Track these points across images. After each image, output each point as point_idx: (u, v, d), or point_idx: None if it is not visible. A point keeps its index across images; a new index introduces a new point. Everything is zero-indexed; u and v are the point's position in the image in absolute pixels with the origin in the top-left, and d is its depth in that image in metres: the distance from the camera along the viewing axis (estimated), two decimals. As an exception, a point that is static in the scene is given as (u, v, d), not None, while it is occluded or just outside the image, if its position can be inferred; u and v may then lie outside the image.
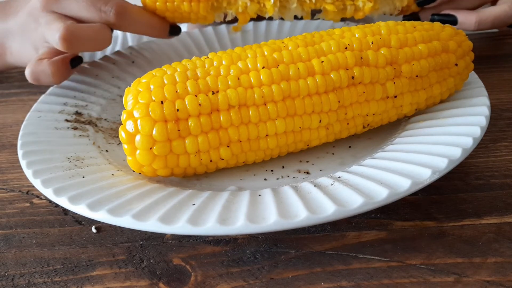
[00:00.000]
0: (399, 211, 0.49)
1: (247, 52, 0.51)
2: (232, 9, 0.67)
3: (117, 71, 0.71)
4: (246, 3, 0.66)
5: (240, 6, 0.66)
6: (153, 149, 0.48)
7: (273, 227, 0.42)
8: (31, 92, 0.77)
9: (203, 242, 0.48)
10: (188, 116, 0.48)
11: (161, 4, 0.67)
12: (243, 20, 0.68)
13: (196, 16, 0.68)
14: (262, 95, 0.49)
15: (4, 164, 0.61)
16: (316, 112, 0.50)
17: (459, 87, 0.57)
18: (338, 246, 0.46)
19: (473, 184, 0.52)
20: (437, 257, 0.44)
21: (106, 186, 0.48)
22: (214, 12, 0.68)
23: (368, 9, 0.66)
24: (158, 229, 0.42)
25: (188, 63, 0.51)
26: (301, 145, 0.53)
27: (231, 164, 0.52)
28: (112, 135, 0.60)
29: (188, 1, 0.66)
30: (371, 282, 0.43)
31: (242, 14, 0.67)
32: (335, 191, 0.45)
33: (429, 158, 0.47)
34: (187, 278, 0.44)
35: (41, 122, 0.58)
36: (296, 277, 0.44)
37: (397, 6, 0.69)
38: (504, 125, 0.61)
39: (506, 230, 0.47)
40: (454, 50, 0.55)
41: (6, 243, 0.50)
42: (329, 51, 0.51)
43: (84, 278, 0.45)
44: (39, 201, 0.54)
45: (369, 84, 0.51)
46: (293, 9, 0.66)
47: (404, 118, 0.57)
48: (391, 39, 0.53)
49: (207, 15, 0.67)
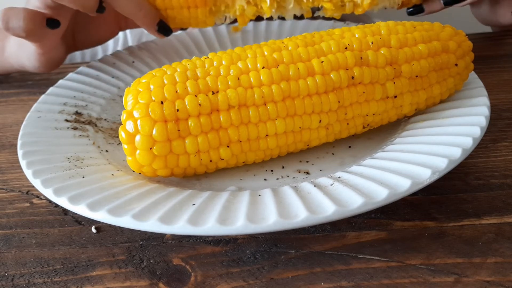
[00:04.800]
0: (399, 211, 0.49)
1: (247, 52, 0.51)
2: (230, 13, 0.67)
3: (117, 71, 0.71)
4: (243, 6, 0.66)
5: (238, 10, 0.67)
6: (153, 149, 0.48)
7: (273, 227, 0.42)
8: (31, 92, 0.77)
9: (203, 242, 0.48)
10: (188, 116, 0.48)
11: (162, 11, 0.67)
12: (242, 21, 0.68)
13: (196, 21, 0.68)
14: (262, 95, 0.49)
15: (4, 164, 0.61)
16: (316, 112, 0.50)
17: (459, 87, 0.57)
18: (338, 246, 0.46)
19: (473, 184, 0.52)
20: (437, 257, 0.44)
21: (106, 186, 0.48)
22: (213, 17, 0.68)
23: (367, 4, 0.65)
24: (158, 229, 0.42)
25: (188, 63, 0.51)
26: (301, 145, 0.53)
27: (231, 164, 0.52)
28: (112, 135, 0.60)
29: (186, 8, 0.66)
30: (371, 282, 0.43)
31: (240, 17, 0.68)
32: (335, 191, 0.45)
33: (429, 158, 0.47)
34: (187, 278, 0.44)
35: (41, 122, 0.58)
36: (296, 277, 0.44)
37: (396, 0, 0.69)
38: (504, 125, 0.61)
39: (506, 230, 0.47)
40: (454, 50, 0.55)
41: (6, 243, 0.50)
42: (329, 51, 0.51)
43: (84, 278, 0.45)
44: (39, 201, 0.54)
45: (369, 84, 0.51)
46: (291, 9, 0.67)
47: (404, 118, 0.57)
48: (391, 39, 0.53)
49: (206, 20, 0.68)
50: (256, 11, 0.67)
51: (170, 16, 0.68)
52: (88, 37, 0.75)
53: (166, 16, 0.68)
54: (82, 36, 0.74)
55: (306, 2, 0.66)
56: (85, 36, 0.74)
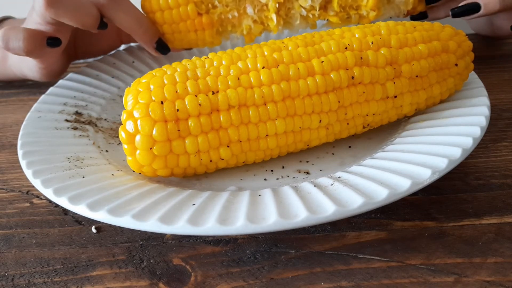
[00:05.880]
0: (399, 211, 0.49)
1: (247, 52, 0.51)
2: (237, 32, 0.68)
3: (117, 71, 0.71)
4: (250, 25, 0.67)
5: (245, 29, 0.67)
6: (153, 149, 0.48)
7: (273, 227, 0.42)
8: (31, 92, 0.77)
9: (203, 242, 0.48)
10: (188, 116, 0.48)
11: (169, 35, 0.67)
12: (249, 39, 0.68)
13: (203, 42, 0.68)
14: (262, 95, 0.49)
15: (4, 164, 0.61)
16: (316, 112, 0.50)
17: (459, 87, 0.57)
18: (338, 246, 0.46)
19: (473, 184, 0.52)
20: (437, 257, 0.44)
21: (106, 186, 0.48)
22: (220, 37, 0.68)
23: (373, 17, 0.66)
24: (158, 229, 0.42)
25: (188, 63, 0.51)
26: (301, 145, 0.53)
27: (231, 164, 0.52)
28: (112, 135, 0.60)
29: (194, 31, 0.67)
30: (371, 282, 0.43)
31: (247, 35, 0.68)
32: (335, 191, 0.45)
33: (429, 158, 0.47)
34: (187, 278, 0.44)
35: (41, 122, 0.58)
36: (296, 277, 0.44)
37: (402, 10, 0.69)
38: (504, 125, 0.61)
39: (506, 230, 0.47)
40: (454, 50, 0.55)
41: (6, 243, 0.50)
42: (329, 51, 0.51)
43: (84, 278, 0.45)
44: (39, 201, 0.55)
45: (369, 84, 0.52)
46: (297, 25, 0.67)
47: (404, 118, 0.57)
48: (391, 39, 0.53)
49: (213, 41, 0.68)
50: (263, 29, 0.68)
51: (178, 39, 0.68)
52: (90, 48, 0.75)
53: (173, 39, 0.68)
54: (84, 48, 0.75)
55: (312, 17, 0.66)
56: (87, 47, 0.75)
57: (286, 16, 0.66)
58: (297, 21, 0.66)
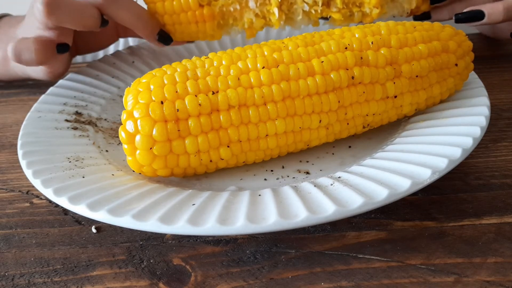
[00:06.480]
0: (399, 211, 0.49)
1: (247, 52, 0.51)
2: (238, 26, 0.67)
3: (117, 71, 0.71)
4: (252, 19, 0.66)
5: (246, 22, 0.67)
6: (153, 149, 0.48)
7: (273, 227, 0.42)
8: (31, 92, 0.77)
9: (203, 242, 0.48)
10: (188, 116, 0.48)
11: (170, 26, 0.67)
12: (250, 34, 0.68)
13: (204, 35, 0.68)
14: (262, 95, 0.49)
15: (4, 164, 0.61)
16: (316, 112, 0.50)
17: (459, 87, 0.57)
18: (338, 246, 0.46)
19: (473, 184, 0.52)
20: (437, 257, 0.44)
21: (106, 186, 0.48)
22: (221, 30, 0.68)
23: (376, 14, 0.66)
24: (158, 229, 0.42)
25: (188, 63, 0.51)
26: (301, 145, 0.53)
27: (231, 164, 0.52)
28: (112, 135, 0.60)
29: (194, 23, 0.67)
30: (371, 282, 0.43)
31: (248, 29, 0.68)
32: (335, 191, 0.45)
33: (429, 158, 0.47)
34: (187, 278, 0.44)
35: (41, 122, 0.58)
36: (296, 277, 0.44)
37: (405, 9, 0.69)
38: (504, 125, 0.61)
39: (506, 230, 0.47)
40: (454, 50, 0.55)
41: (6, 243, 0.50)
42: (329, 51, 0.51)
43: (84, 278, 0.45)
44: (39, 201, 0.54)
45: (369, 84, 0.51)
46: (299, 20, 0.67)
47: (404, 118, 0.57)
48: (391, 39, 0.53)
49: (214, 34, 0.68)
50: (265, 23, 0.67)
51: (178, 31, 0.68)
52: (88, 43, 0.75)
53: (174, 30, 0.68)
54: (82, 43, 0.75)
55: (314, 13, 0.66)
56: (85, 43, 0.75)
57: (288, 11, 0.66)
58: (299, 16, 0.66)
